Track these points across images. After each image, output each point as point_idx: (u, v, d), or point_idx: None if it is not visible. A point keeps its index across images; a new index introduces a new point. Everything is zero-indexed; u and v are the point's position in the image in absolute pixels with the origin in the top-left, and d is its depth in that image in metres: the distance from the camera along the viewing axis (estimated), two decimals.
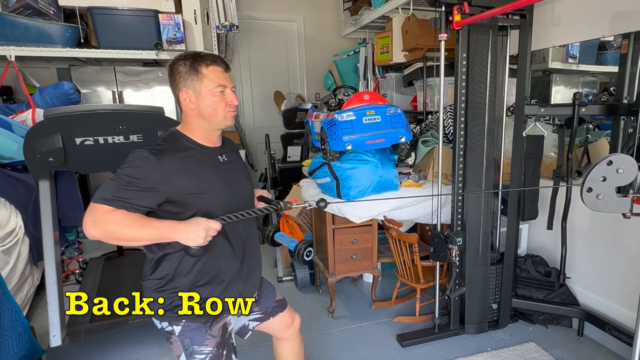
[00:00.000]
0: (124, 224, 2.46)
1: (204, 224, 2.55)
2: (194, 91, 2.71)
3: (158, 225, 2.55)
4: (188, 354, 2.83)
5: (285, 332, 3.61)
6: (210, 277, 2.87)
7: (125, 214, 2.47)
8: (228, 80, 2.82)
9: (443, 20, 4.35)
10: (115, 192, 2.47)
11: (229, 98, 2.79)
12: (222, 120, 2.81)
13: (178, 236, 2.55)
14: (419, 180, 5.55)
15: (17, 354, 4.06)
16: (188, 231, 2.54)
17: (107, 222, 2.44)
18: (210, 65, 2.72)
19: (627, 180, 2.43)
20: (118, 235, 2.51)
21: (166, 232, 2.55)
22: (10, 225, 5.12)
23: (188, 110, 2.78)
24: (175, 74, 2.73)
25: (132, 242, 2.61)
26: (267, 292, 3.47)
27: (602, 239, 4.82)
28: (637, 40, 4.42)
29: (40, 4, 6.61)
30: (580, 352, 4.74)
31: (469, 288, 4.91)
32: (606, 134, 5.05)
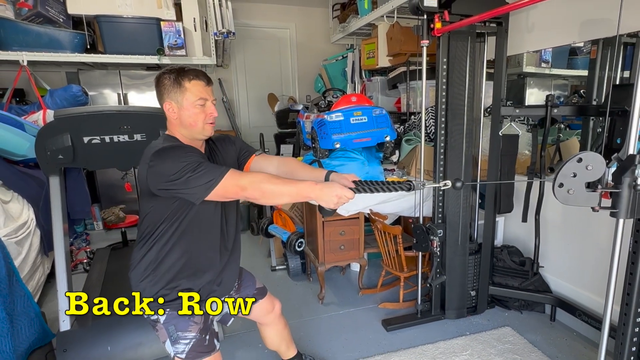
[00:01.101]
0: (268, 180, 2.59)
1: (338, 191, 2.58)
2: (177, 103, 2.77)
3: (297, 183, 2.63)
4: (173, 340, 2.88)
5: (267, 318, 3.68)
6: (193, 269, 2.94)
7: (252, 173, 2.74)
8: (209, 94, 2.86)
9: (425, 27, 4.37)
10: (207, 172, 2.54)
11: (209, 110, 2.84)
12: (200, 131, 2.85)
13: (315, 194, 2.60)
14: (403, 176, 5.59)
15: (28, 337, 4.05)
16: (324, 193, 2.58)
17: (245, 184, 2.55)
18: (192, 79, 2.76)
19: (596, 176, 2.46)
20: (270, 190, 2.57)
21: (305, 190, 2.61)
22: (22, 217, 5.12)
23: (171, 119, 2.84)
24: (160, 86, 2.80)
25: (278, 197, 2.71)
26: (247, 280, 3.52)
27: (572, 230, 4.86)
28: (605, 46, 4.45)
29: (51, 12, 6.64)
30: (553, 336, 4.77)
31: (449, 276, 4.96)
32: (576, 133, 5.07)
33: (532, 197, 4.84)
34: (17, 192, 5.24)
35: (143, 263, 2.87)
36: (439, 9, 4.26)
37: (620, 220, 2.55)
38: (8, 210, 4.94)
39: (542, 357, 4.38)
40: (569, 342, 4.66)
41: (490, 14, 3.73)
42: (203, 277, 2.97)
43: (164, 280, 2.86)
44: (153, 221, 2.83)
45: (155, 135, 4.13)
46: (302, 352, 4.18)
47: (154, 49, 7.21)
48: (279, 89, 10.39)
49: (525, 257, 5.36)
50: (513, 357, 4.40)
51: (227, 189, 2.54)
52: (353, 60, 8.45)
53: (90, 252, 6.92)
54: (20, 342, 3.92)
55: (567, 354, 4.45)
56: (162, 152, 2.63)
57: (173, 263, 2.86)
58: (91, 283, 5.35)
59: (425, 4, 4.20)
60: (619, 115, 3.75)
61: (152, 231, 2.85)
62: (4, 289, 3.72)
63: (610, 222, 2.67)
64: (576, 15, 4.52)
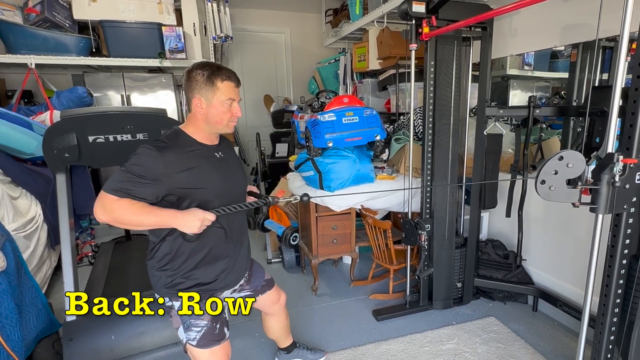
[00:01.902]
0: (129, 211, 2.49)
1: (200, 215, 2.60)
2: (206, 99, 2.73)
3: (159, 213, 2.58)
4: (186, 327, 2.89)
5: (273, 308, 3.68)
6: (207, 260, 2.91)
7: (130, 202, 2.50)
8: (237, 95, 2.84)
9: (413, 32, 4.39)
10: (122, 183, 2.50)
11: (234, 110, 2.82)
12: (224, 128, 2.86)
13: (177, 223, 2.60)
14: (392, 174, 5.57)
15: (36, 327, 4.05)
16: (186, 220, 2.59)
17: (114, 209, 2.48)
18: (225, 80, 2.74)
19: (576, 174, 2.45)
20: (124, 221, 2.54)
21: (166, 220, 2.60)
22: (30, 213, 5.11)
23: (197, 114, 2.79)
24: (192, 81, 2.74)
25: (136, 227, 2.60)
26: (257, 272, 3.51)
27: (554, 225, 4.86)
28: (584, 50, 4.44)
29: (57, 17, 6.63)
30: (535, 325, 4.77)
31: (436, 269, 4.95)
32: (558, 133, 5.06)
33: (515, 193, 4.83)
34: (25, 189, 5.23)
35: (159, 253, 2.87)
36: (426, 15, 4.28)
37: (599, 216, 2.55)
38: (17, 206, 4.93)
39: (525, 346, 4.37)
40: (551, 332, 4.65)
41: (475, 19, 3.74)
42: (216, 267, 2.95)
43: (179, 269, 2.86)
44: None
45: (156, 135, 4.17)
46: (297, 341, 4.19)
47: (155, 53, 7.21)
48: (275, 90, 10.38)
49: (508, 251, 5.37)
50: (497, 345, 4.40)
51: (96, 201, 2.53)
52: (345, 63, 8.43)
53: (95, 246, 6.91)
54: (28, 332, 3.92)
55: (548, 342, 4.45)
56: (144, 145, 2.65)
57: (188, 253, 2.85)
58: (96, 275, 5.36)
59: (414, 9, 4.23)
60: (598, 115, 3.75)
61: None
62: (13, 281, 3.72)
63: (589, 217, 2.67)
64: (557, 21, 4.51)
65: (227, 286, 3.11)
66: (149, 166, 2.58)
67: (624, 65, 2.32)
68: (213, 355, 2.92)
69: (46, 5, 6.52)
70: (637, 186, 2.50)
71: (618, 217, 2.61)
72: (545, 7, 4.51)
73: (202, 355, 2.91)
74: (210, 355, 2.91)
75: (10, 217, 4.68)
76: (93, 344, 4.05)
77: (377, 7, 6.39)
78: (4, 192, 4.69)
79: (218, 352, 2.94)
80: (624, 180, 2.43)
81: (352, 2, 7.33)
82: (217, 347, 2.94)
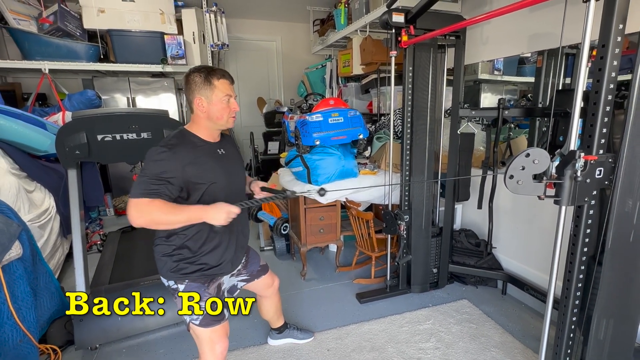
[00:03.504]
0: (162, 211, 2.50)
1: (226, 209, 2.63)
2: (207, 98, 2.74)
3: (190, 209, 2.61)
4: (189, 308, 2.88)
5: (267, 291, 3.72)
6: (211, 247, 2.92)
7: (163, 202, 2.52)
8: (232, 91, 2.85)
9: (393, 40, 4.39)
10: (148, 185, 2.50)
11: (232, 105, 2.83)
12: (225, 123, 2.85)
13: (206, 217, 2.63)
14: (374, 169, 5.53)
15: (49, 309, 4.09)
16: (213, 213, 2.61)
17: (150, 211, 2.48)
18: (220, 78, 2.77)
19: (542, 169, 2.44)
20: (160, 220, 2.54)
21: (197, 215, 2.63)
22: (44, 205, 5.13)
23: (199, 113, 2.79)
24: (191, 83, 2.76)
25: (170, 225, 2.65)
26: (253, 258, 3.51)
27: (521, 216, 4.85)
28: (549, 56, 4.43)
29: (69, 27, 6.66)
30: (504, 307, 4.76)
31: (414, 256, 4.93)
32: (525, 132, 5.05)
33: (486, 187, 4.83)
34: (39, 183, 5.23)
35: (165, 240, 2.88)
36: (405, 24, 4.31)
37: (563, 207, 2.54)
38: (32, 198, 4.95)
39: (495, 326, 4.37)
40: (518, 313, 4.65)
41: (450, 28, 3.73)
42: (216, 253, 2.96)
43: (183, 254, 2.87)
44: None
45: (159, 134, 4.22)
46: (288, 322, 4.22)
47: (158, 59, 7.25)
48: (267, 93, 10.37)
49: (480, 239, 5.39)
50: (469, 325, 4.39)
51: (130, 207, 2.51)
52: (331, 68, 8.38)
53: (103, 235, 6.86)
54: (42, 313, 3.96)
55: (516, 323, 4.44)
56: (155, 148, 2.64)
57: (191, 240, 2.86)
58: (104, 262, 5.35)
59: (394, 19, 4.25)
60: (562, 116, 3.76)
61: None
62: (28, 267, 3.73)
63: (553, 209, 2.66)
64: (524, 30, 4.49)
65: (228, 270, 3.12)
66: (167, 165, 2.59)
67: (585, 70, 2.31)
68: (214, 333, 2.93)
69: (59, 16, 6.54)
70: (597, 180, 2.49)
71: (580, 209, 2.60)
72: (513, 18, 4.50)
73: (204, 334, 2.92)
74: (211, 334, 2.92)
75: (26, 208, 4.71)
76: (102, 324, 4.06)
77: (360, 18, 6.37)
78: (20, 186, 4.70)
79: (218, 331, 2.95)
80: (585, 175, 2.43)
81: (338, 13, 7.31)
82: (218, 326, 2.95)
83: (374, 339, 4.20)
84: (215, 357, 2.94)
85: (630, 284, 2.76)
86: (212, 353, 2.93)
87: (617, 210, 2.54)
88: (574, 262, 2.70)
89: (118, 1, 6.92)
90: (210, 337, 2.93)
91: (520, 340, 4.14)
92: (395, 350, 4.02)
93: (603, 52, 2.31)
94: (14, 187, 4.59)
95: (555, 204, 2.54)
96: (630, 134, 2.41)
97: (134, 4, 7.00)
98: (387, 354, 3.97)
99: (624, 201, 2.52)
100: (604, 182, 2.54)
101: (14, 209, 3.81)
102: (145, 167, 2.57)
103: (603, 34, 2.30)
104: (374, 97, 6.98)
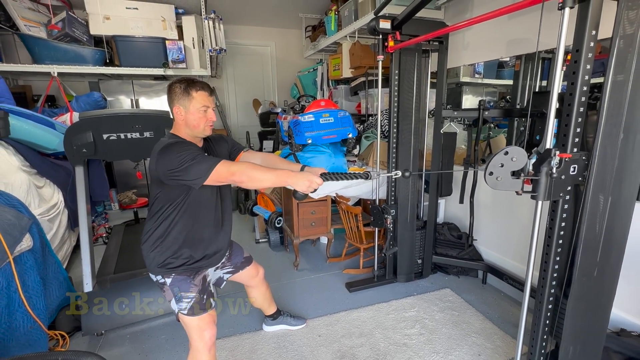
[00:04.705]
0: (256, 169, 2.61)
1: (310, 177, 2.69)
2: (184, 107, 2.77)
3: (279, 172, 2.67)
4: (177, 299, 2.90)
5: (253, 281, 3.73)
6: (194, 241, 2.94)
7: (249, 164, 2.65)
8: (211, 102, 2.86)
9: (380, 45, 4.39)
10: (203, 162, 2.56)
11: (209, 115, 2.84)
12: (202, 131, 2.86)
13: (292, 181, 2.67)
14: (363, 166, 5.54)
15: (58, 297, 4.12)
16: (298, 179, 2.67)
17: (237, 168, 2.58)
18: (199, 90, 2.78)
19: (519, 166, 2.43)
20: (253, 176, 2.59)
21: (283, 176, 2.66)
22: (53, 200, 5.12)
23: (178, 120, 2.83)
24: (172, 93, 2.80)
25: (263, 182, 2.69)
26: (236, 251, 3.53)
27: (500, 210, 4.84)
28: (526, 60, 4.42)
29: (76, 33, 6.65)
30: (484, 295, 4.77)
31: (400, 247, 4.92)
32: (504, 131, 5.05)
33: (467, 183, 4.80)
34: (49, 179, 5.21)
35: (153, 237, 2.88)
36: (392, 30, 4.30)
37: (539, 202, 2.53)
38: (42, 194, 4.95)
39: (475, 313, 4.37)
40: (498, 301, 4.65)
41: (433, 34, 3.74)
42: (201, 247, 2.97)
43: (170, 250, 2.87)
44: (161, 203, 2.85)
45: (161, 133, 4.24)
46: (281, 309, 4.22)
47: (160, 63, 7.22)
48: (262, 95, 10.37)
49: (462, 232, 5.38)
50: (452, 313, 4.38)
51: (220, 174, 2.53)
52: (322, 72, 8.35)
53: (108, 228, 6.84)
54: (51, 301, 3.99)
55: (495, 310, 4.44)
56: (166, 148, 2.63)
57: (177, 236, 2.87)
58: (109, 253, 5.36)
59: (381, 26, 4.26)
60: (538, 116, 3.77)
61: (159, 211, 2.86)
62: (38, 258, 3.75)
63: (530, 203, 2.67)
64: (503, 36, 4.48)
65: (211, 264, 3.12)
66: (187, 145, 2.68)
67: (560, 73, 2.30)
68: (201, 321, 2.93)
69: (67, 23, 6.51)
70: (571, 177, 2.49)
71: (555, 203, 2.60)
72: (493, 24, 4.50)
73: (192, 322, 2.92)
74: (199, 321, 2.92)
75: (36, 203, 4.71)
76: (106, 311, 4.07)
77: (349, 24, 6.35)
78: (31, 182, 4.70)
79: (205, 318, 2.95)
80: (560, 172, 2.42)
81: (328, 20, 7.29)
82: (205, 315, 2.95)
83: (363, 326, 4.19)
84: (205, 343, 2.94)
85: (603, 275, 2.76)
86: (201, 339, 2.94)
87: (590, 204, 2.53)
88: (549, 254, 2.70)
89: (122, 9, 6.90)
90: (198, 324, 2.93)
91: (499, 326, 4.14)
92: (383, 336, 4.01)
93: (577, 57, 2.30)
94: (25, 183, 4.58)
95: (532, 199, 2.53)
96: (602, 134, 2.40)
97: (138, 12, 6.99)
98: (374, 339, 3.97)
99: (597, 196, 2.52)
100: (578, 178, 2.53)
101: (25, 204, 3.82)
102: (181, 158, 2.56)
103: (577, 40, 2.29)
104: (363, 99, 6.96)
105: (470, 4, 4.96)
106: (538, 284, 2.85)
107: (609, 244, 2.68)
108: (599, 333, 2.92)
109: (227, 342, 3.95)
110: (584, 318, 2.84)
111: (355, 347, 3.87)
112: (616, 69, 2.32)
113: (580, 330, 2.86)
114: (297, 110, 5.89)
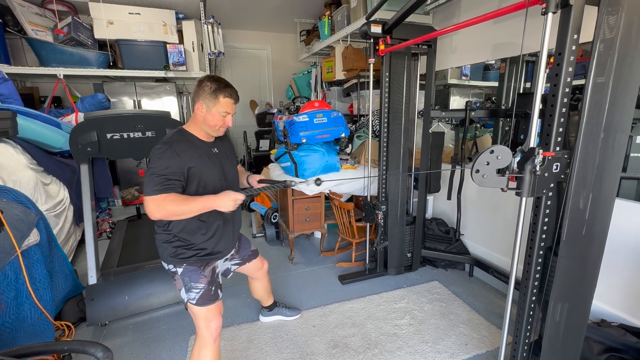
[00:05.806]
0: (177, 203, 2.54)
1: (232, 196, 2.68)
2: (207, 107, 2.75)
3: (200, 199, 2.64)
4: (187, 289, 2.90)
5: (257, 273, 3.74)
6: (207, 235, 2.93)
7: (176, 195, 2.56)
8: (233, 109, 2.84)
9: (372, 49, 4.40)
10: (161, 183, 2.53)
11: (227, 121, 2.83)
12: (215, 132, 2.86)
13: (216, 205, 2.66)
14: (355, 164, 5.51)
15: (64, 289, 4.09)
16: (222, 201, 2.66)
17: (166, 205, 2.52)
18: (226, 97, 2.76)
19: (504, 164, 2.43)
20: (176, 212, 2.58)
21: (207, 204, 2.65)
22: (59, 196, 5.08)
23: (198, 115, 2.80)
24: (200, 89, 2.77)
25: (186, 215, 2.66)
26: (244, 244, 3.53)
27: (486, 206, 4.84)
28: (511, 63, 4.44)
29: (81, 37, 6.66)
30: (471, 288, 4.77)
31: (390, 242, 4.92)
32: (489, 131, 5.06)
33: (455, 180, 4.81)
34: (55, 177, 5.18)
35: (165, 229, 2.89)
36: (382, 35, 4.32)
37: (523, 199, 2.53)
38: (48, 190, 4.91)
39: (462, 305, 4.36)
40: (484, 293, 4.65)
41: (422, 38, 3.74)
42: (212, 239, 2.97)
43: (182, 241, 2.88)
44: None
45: (162, 133, 4.23)
46: (277, 301, 4.25)
47: (161, 66, 7.23)
48: (259, 96, 10.36)
49: (449, 227, 5.38)
50: (440, 304, 4.38)
51: (147, 204, 2.54)
52: (316, 74, 8.35)
53: (112, 223, 6.82)
54: (57, 293, 3.96)
55: (482, 302, 4.44)
56: (156, 148, 2.65)
57: (189, 228, 2.87)
58: (113, 247, 5.32)
59: (372, 30, 4.28)
60: (522, 117, 3.78)
61: None
62: (45, 251, 3.72)
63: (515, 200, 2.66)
64: (489, 40, 4.48)
65: (221, 255, 3.11)
66: (170, 161, 2.61)
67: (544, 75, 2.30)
68: (209, 311, 2.93)
69: (72, 27, 6.51)
70: (554, 174, 2.48)
71: (538, 200, 2.59)
72: (479, 29, 4.49)
73: (200, 312, 2.91)
74: (206, 312, 2.92)
75: (43, 199, 4.68)
76: (110, 303, 4.11)
77: (342, 29, 6.34)
78: (38, 180, 4.67)
79: (213, 309, 2.94)
80: (543, 170, 2.42)
81: (322, 24, 7.28)
82: (213, 305, 2.94)
83: (355, 316, 4.18)
84: (211, 333, 2.92)
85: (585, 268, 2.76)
86: (207, 329, 2.92)
87: (572, 201, 2.53)
88: (533, 247, 2.69)
89: (125, 14, 6.88)
90: (206, 314, 2.92)
91: (485, 317, 4.13)
92: (374, 326, 4.00)
93: (559, 60, 2.29)
94: (32, 180, 4.56)
95: (517, 195, 2.52)
96: (583, 133, 2.39)
97: (140, 17, 6.97)
98: (366, 329, 3.96)
99: (578, 192, 2.52)
100: (560, 175, 2.52)
101: (32, 200, 3.80)
102: (152, 165, 2.58)
103: (559, 43, 2.28)
104: (355, 100, 6.95)
105: (457, 10, 4.94)
106: (522, 277, 2.85)
107: (590, 238, 2.67)
108: (580, 324, 2.92)
109: (225, 331, 3.93)
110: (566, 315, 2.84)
111: (347, 336, 3.86)
112: (597, 72, 2.31)
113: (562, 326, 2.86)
114: (292, 110, 5.90)
